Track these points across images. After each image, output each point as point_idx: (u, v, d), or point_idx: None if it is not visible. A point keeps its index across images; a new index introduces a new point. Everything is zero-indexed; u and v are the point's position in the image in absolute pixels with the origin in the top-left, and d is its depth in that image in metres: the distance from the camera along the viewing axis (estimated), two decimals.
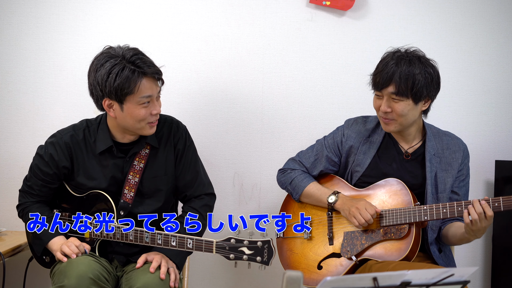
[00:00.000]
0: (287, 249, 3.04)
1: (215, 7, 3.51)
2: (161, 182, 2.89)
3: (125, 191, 2.82)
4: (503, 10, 3.50)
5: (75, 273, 2.61)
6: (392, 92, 2.80)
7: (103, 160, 2.84)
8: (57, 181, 2.88)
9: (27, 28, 3.49)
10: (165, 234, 2.70)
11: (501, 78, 3.52)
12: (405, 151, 2.95)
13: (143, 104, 2.72)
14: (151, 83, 2.73)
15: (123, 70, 2.68)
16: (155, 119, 2.79)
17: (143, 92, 2.71)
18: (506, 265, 3.42)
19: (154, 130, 2.80)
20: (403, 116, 2.82)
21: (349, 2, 3.45)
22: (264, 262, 2.58)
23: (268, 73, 3.52)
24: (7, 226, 3.38)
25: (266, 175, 3.53)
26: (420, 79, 2.79)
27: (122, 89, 2.68)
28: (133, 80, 2.68)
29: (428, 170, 2.89)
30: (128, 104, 2.72)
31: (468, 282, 2.06)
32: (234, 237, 2.60)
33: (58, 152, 2.83)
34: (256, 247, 2.59)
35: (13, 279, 3.46)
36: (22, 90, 3.50)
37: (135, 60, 2.71)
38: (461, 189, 2.94)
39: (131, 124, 2.76)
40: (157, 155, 2.88)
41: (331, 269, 2.91)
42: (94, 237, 2.79)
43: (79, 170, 2.85)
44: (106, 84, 2.70)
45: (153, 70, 2.72)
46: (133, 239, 2.73)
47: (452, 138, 2.98)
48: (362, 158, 2.96)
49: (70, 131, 2.87)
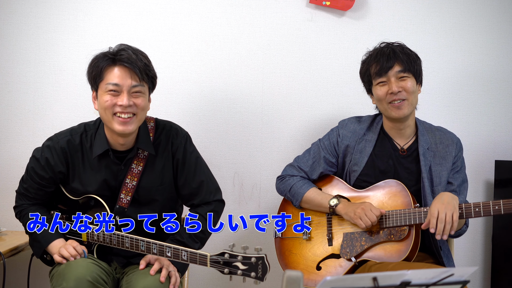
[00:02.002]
0: (286, 250, 3.04)
1: (215, 7, 3.51)
2: (156, 192, 2.84)
3: (122, 196, 2.79)
4: (503, 10, 3.51)
5: (74, 275, 2.60)
6: (400, 70, 2.88)
7: (98, 166, 2.81)
8: (53, 185, 2.87)
9: (27, 28, 3.49)
10: (160, 244, 2.65)
11: (501, 78, 3.52)
12: (400, 147, 2.96)
13: (110, 92, 2.68)
14: (123, 73, 2.68)
15: (99, 57, 2.72)
16: (125, 112, 2.69)
17: (110, 79, 2.68)
18: (506, 265, 3.42)
19: (126, 128, 2.70)
20: (413, 93, 2.89)
21: (349, 2, 3.45)
22: (259, 278, 2.53)
23: (268, 73, 3.52)
24: (7, 226, 3.38)
25: (266, 175, 3.53)
26: (416, 58, 2.93)
27: (94, 75, 2.71)
28: (102, 64, 2.69)
29: (423, 164, 2.91)
30: (100, 91, 2.72)
31: (468, 282, 2.06)
32: (228, 252, 2.55)
33: (54, 157, 2.81)
34: (250, 263, 2.53)
35: (13, 279, 3.46)
36: (22, 90, 3.51)
37: (115, 50, 2.72)
38: (456, 179, 2.96)
39: (102, 115, 2.73)
40: (155, 163, 2.83)
41: (330, 269, 2.91)
42: (91, 241, 2.79)
43: (74, 175, 2.83)
44: (88, 73, 2.76)
45: (127, 60, 2.67)
46: (129, 246, 2.71)
47: (445, 132, 3.01)
48: (359, 157, 2.97)
49: (67, 136, 2.83)
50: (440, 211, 2.74)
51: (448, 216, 2.73)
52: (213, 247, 2.84)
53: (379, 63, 2.89)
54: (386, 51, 2.91)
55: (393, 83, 2.88)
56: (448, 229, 2.74)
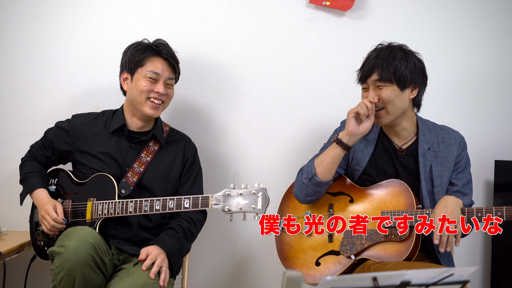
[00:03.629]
0: (285, 243, 3.03)
1: (215, 7, 3.51)
2: (162, 179, 3.00)
3: (129, 175, 2.95)
4: (503, 10, 3.51)
5: (77, 236, 2.68)
6: (376, 79, 2.84)
7: (108, 141, 3.00)
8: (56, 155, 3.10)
9: (27, 28, 3.49)
10: (163, 199, 2.81)
11: (501, 78, 3.52)
12: (399, 147, 2.96)
13: (149, 79, 2.96)
14: (163, 64, 2.99)
15: (141, 46, 3.01)
16: (158, 99, 2.97)
17: (151, 67, 2.97)
18: (506, 265, 3.42)
19: (155, 112, 2.98)
20: (390, 102, 2.84)
21: (349, 2, 3.45)
22: (258, 210, 2.63)
23: (268, 73, 3.52)
24: (7, 226, 3.39)
25: (266, 175, 3.53)
26: (402, 64, 2.85)
27: (133, 59, 2.97)
28: (146, 54, 2.97)
29: (422, 165, 2.90)
30: (136, 75, 2.97)
31: (468, 282, 2.06)
32: (229, 190, 2.70)
33: (63, 135, 3.06)
34: (251, 195, 2.66)
35: (14, 278, 3.46)
36: (22, 90, 3.51)
37: (155, 43, 3.04)
38: (460, 180, 2.93)
39: (135, 96, 2.97)
40: (165, 155, 3.03)
41: (329, 266, 2.91)
42: (95, 218, 2.85)
43: (82, 149, 3.02)
44: (125, 56, 3.03)
45: (167, 54, 3.00)
46: (133, 210, 2.83)
47: (448, 131, 2.99)
48: (361, 156, 2.97)
49: (84, 117, 3.10)
50: (443, 222, 2.73)
51: (452, 226, 2.72)
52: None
53: (362, 69, 2.90)
54: (371, 56, 2.89)
55: (371, 91, 2.87)
56: (451, 241, 2.73)
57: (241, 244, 3.54)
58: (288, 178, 3.42)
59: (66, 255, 2.63)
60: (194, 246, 3.25)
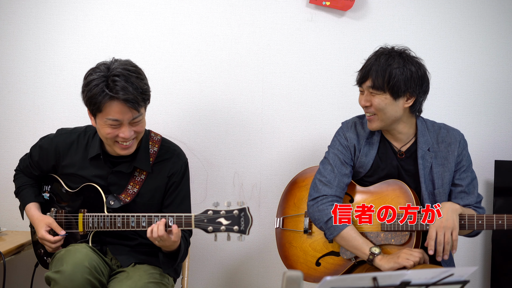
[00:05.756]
0: (286, 241, 3.03)
1: (215, 8, 3.51)
2: (147, 204, 2.89)
3: (122, 197, 2.85)
4: (503, 10, 3.50)
5: (72, 260, 2.65)
6: (369, 86, 2.82)
7: (90, 166, 2.89)
8: (41, 172, 3.01)
9: (27, 28, 3.49)
10: (149, 216, 2.72)
11: (501, 78, 3.52)
12: (398, 150, 2.95)
13: (110, 126, 2.71)
14: (122, 108, 2.68)
15: (97, 87, 2.68)
16: (126, 142, 2.75)
17: (109, 115, 2.69)
18: (506, 265, 3.42)
19: (127, 152, 2.78)
20: (381, 111, 2.82)
21: (349, 3, 3.45)
22: (241, 231, 2.58)
23: (268, 73, 3.52)
24: (7, 226, 3.39)
25: (266, 175, 3.53)
26: (397, 73, 2.78)
27: (91, 105, 2.72)
28: (100, 100, 2.67)
29: (421, 167, 2.88)
30: (98, 120, 2.75)
31: (468, 282, 2.06)
32: (212, 209, 2.61)
33: (49, 152, 2.94)
34: (233, 216, 2.58)
35: (14, 279, 3.46)
36: (22, 90, 3.51)
37: (114, 80, 2.67)
38: (464, 179, 2.90)
39: (103, 137, 2.79)
40: (152, 183, 2.88)
41: (329, 267, 2.91)
42: (87, 230, 2.83)
43: (66, 166, 2.93)
44: (82, 95, 2.76)
45: (125, 97, 2.65)
46: (121, 225, 2.76)
47: (448, 130, 2.96)
48: (364, 160, 2.94)
49: (68, 133, 2.95)
50: (438, 231, 2.70)
51: (447, 236, 2.70)
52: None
53: (360, 73, 2.87)
54: (369, 60, 2.86)
55: (364, 96, 2.86)
56: (448, 249, 2.71)
57: (241, 244, 3.53)
58: (288, 178, 3.41)
59: (62, 281, 2.60)
60: (194, 246, 3.26)
